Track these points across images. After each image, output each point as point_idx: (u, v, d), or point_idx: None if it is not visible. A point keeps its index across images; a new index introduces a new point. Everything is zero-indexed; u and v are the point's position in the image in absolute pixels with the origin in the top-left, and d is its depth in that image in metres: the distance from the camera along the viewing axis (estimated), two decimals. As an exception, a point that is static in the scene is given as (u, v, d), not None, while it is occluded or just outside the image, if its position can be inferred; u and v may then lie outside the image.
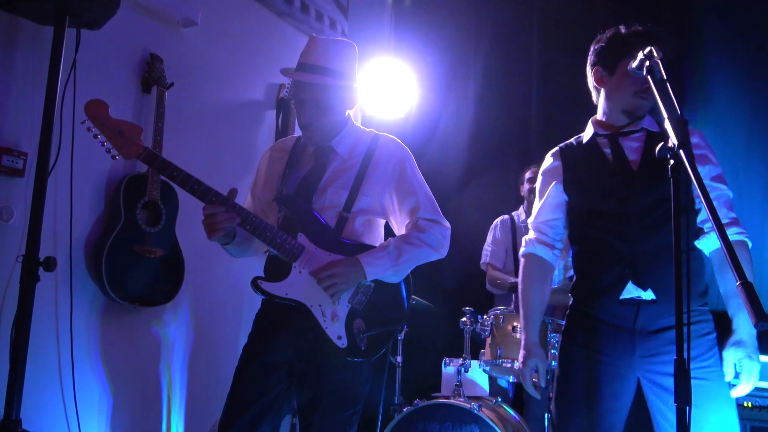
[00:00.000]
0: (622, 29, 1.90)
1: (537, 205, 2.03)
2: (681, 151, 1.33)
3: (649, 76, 1.57)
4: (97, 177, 2.55)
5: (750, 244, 1.82)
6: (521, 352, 1.94)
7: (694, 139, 1.85)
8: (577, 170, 1.95)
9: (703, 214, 1.84)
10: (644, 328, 1.77)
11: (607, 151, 1.90)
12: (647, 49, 1.59)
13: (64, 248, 2.36)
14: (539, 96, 4.09)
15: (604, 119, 1.95)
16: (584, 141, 1.97)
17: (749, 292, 1.06)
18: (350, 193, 1.93)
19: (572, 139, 2.04)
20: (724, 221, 1.79)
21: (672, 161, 1.36)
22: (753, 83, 3.39)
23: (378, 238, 2.04)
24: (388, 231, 2.13)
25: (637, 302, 1.78)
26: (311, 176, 1.96)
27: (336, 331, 1.85)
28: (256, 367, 1.89)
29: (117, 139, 1.76)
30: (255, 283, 1.85)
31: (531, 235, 2.04)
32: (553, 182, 1.98)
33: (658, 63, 1.56)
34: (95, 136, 1.77)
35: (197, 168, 2.92)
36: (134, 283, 2.54)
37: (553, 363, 2.80)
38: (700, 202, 1.77)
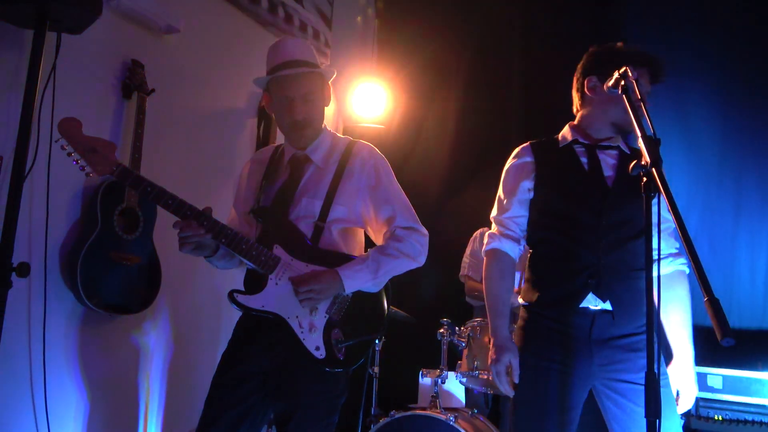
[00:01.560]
0: (621, 45, 1.91)
1: (503, 199, 1.99)
2: (653, 170, 1.36)
3: (623, 96, 1.61)
4: (74, 183, 2.52)
5: (687, 272, 1.94)
6: (492, 350, 1.85)
7: None
8: (552, 171, 1.92)
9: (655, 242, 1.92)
10: (599, 337, 1.80)
11: (584, 160, 1.89)
12: (622, 69, 1.63)
13: (39, 254, 2.33)
14: (520, 108, 4.14)
15: (585, 128, 1.94)
16: (560, 145, 1.95)
17: (715, 308, 1.09)
18: (324, 203, 1.93)
19: (543, 139, 2.00)
20: (672, 252, 1.94)
21: (645, 179, 1.40)
22: (725, 103, 3.48)
23: (357, 247, 2.03)
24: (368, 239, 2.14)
25: (593, 312, 1.81)
26: (287, 186, 1.97)
27: (314, 342, 1.85)
28: (233, 376, 1.89)
29: (90, 157, 1.77)
30: (231, 297, 1.86)
31: (495, 229, 1.98)
32: (524, 178, 1.94)
33: (633, 83, 1.60)
34: (69, 154, 1.79)
35: (177, 175, 2.92)
36: (110, 291, 2.51)
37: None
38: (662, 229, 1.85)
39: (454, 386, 3.32)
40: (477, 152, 4.21)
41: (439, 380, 2.90)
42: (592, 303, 1.81)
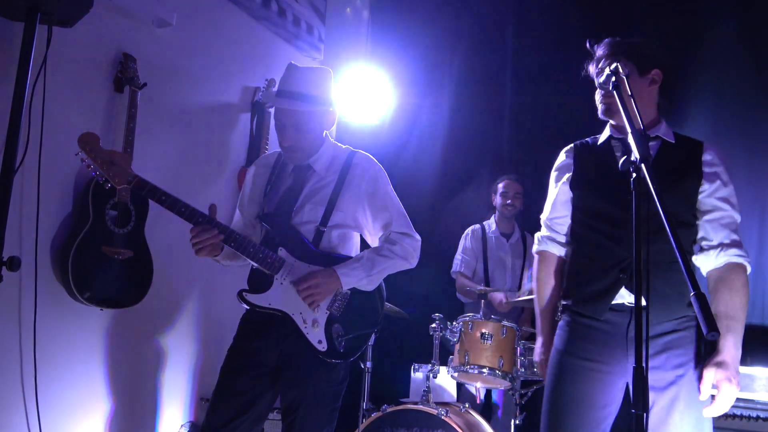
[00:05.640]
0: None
1: (548, 202, 2.05)
2: (642, 165, 1.37)
3: (615, 92, 1.62)
4: (66, 176, 2.52)
5: (749, 269, 1.81)
6: (540, 349, 2.01)
7: (707, 157, 1.86)
8: (587, 169, 1.95)
9: (702, 232, 1.84)
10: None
11: (619, 155, 1.89)
12: (613, 65, 1.64)
13: (30, 248, 2.32)
14: (513, 106, 4.15)
15: (620, 123, 1.90)
16: (599, 142, 1.97)
17: (702, 303, 1.10)
18: (326, 209, 2.08)
19: (589, 138, 2.03)
20: (724, 242, 1.81)
21: (634, 174, 1.40)
22: (715, 101, 3.49)
23: (353, 249, 2.18)
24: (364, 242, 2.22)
25: (630, 308, 1.79)
26: (290, 193, 2.11)
27: (316, 336, 2.02)
28: (242, 366, 2.04)
29: (109, 169, 1.92)
30: (240, 296, 2.01)
31: (544, 232, 2.05)
32: (563, 179, 1.99)
33: (624, 79, 1.61)
34: (88, 167, 1.93)
35: (169, 170, 2.91)
36: (101, 285, 2.51)
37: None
38: (701, 218, 1.83)
39: (446, 381, 3.34)
40: (471, 148, 4.22)
41: (431, 375, 2.92)
42: (627, 299, 1.80)
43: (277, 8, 3.64)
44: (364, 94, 4.11)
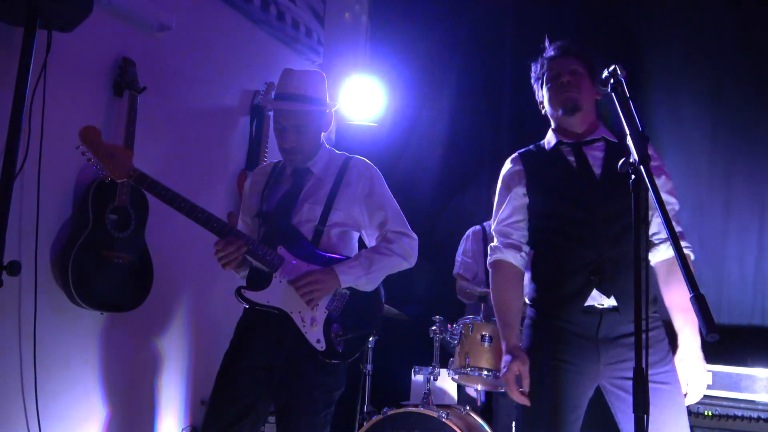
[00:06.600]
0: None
1: (499, 209, 2.04)
2: (641, 167, 1.37)
3: (613, 93, 1.62)
4: (66, 181, 2.52)
5: (693, 257, 1.89)
6: (504, 358, 1.87)
7: (650, 151, 1.89)
8: (541, 175, 1.97)
9: (654, 227, 1.91)
10: (606, 336, 1.81)
11: (571, 158, 1.94)
12: (611, 67, 1.64)
13: (30, 252, 2.32)
14: (512, 107, 4.16)
15: (565, 128, 1.99)
16: (546, 148, 2.00)
17: (701, 304, 1.10)
18: (324, 208, 2.09)
19: (531, 146, 2.07)
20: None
21: (633, 176, 1.41)
22: (715, 102, 3.50)
23: (353, 249, 2.19)
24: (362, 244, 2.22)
25: (600, 310, 1.81)
26: (289, 194, 2.13)
27: (315, 335, 2.00)
28: (238, 370, 2.03)
29: (109, 162, 1.92)
30: (239, 292, 2.01)
31: (499, 239, 2.02)
32: (516, 186, 1.99)
33: (622, 81, 1.61)
34: (89, 160, 1.94)
35: (169, 174, 2.91)
36: (101, 289, 2.51)
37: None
38: (653, 215, 1.87)
39: (447, 383, 3.33)
40: (470, 150, 4.23)
41: (432, 377, 2.91)
42: (598, 301, 1.81)
43: (276, 12, 3.64)
44: (363, 97, 4.12)
